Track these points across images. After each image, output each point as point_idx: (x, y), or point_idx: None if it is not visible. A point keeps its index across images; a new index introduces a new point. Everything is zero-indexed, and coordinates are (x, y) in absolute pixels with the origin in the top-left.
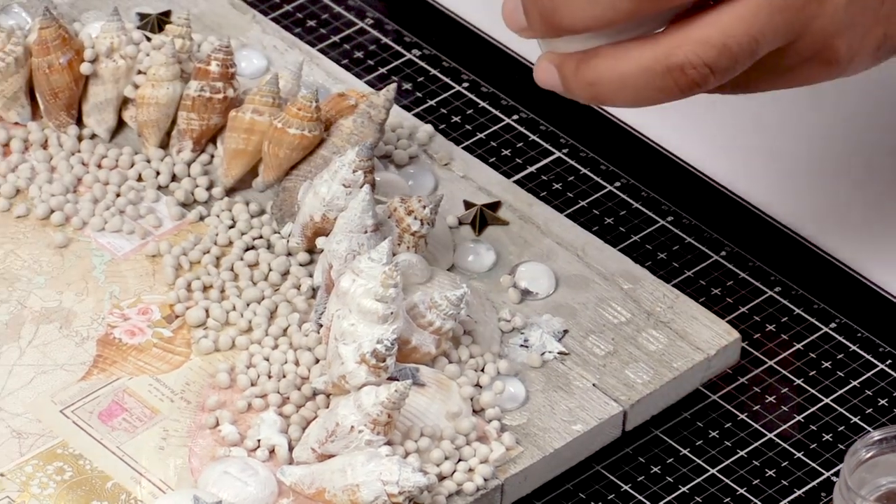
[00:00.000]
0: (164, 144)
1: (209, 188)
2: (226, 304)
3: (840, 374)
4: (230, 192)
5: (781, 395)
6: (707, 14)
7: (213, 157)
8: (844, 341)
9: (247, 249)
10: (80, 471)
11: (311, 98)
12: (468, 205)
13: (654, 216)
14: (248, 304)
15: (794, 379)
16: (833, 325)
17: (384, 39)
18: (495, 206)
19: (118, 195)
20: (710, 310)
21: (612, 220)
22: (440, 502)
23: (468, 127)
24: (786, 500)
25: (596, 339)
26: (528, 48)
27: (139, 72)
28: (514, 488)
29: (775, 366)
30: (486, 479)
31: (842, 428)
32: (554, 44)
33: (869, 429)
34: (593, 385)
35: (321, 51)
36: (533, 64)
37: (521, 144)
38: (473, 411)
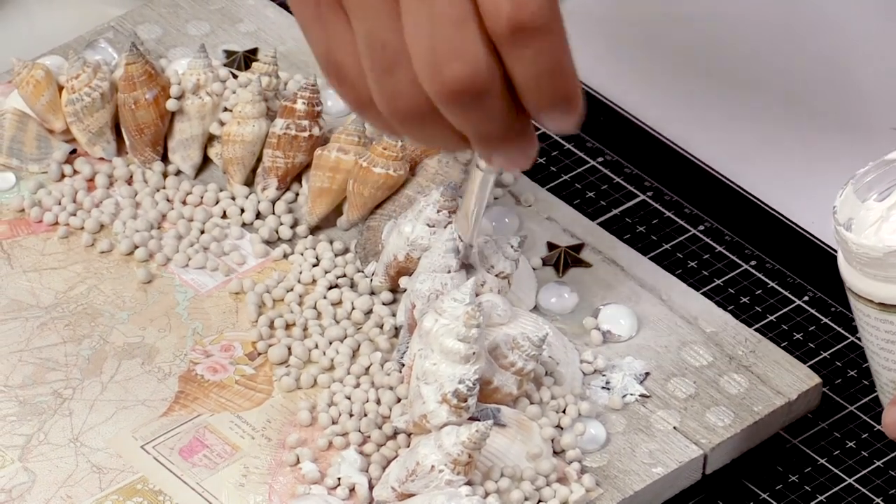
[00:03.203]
0: (249, 182)
1: (293, 226)
2: (308, 342)
3: None
4: (314, 230)
5: (862, 440)
6: None
7: (297, 195)
8: None
9: (330, 288)
10: None
11: None
12: (551, 246)
13: (737, 260)
14: (330, 343)
15: (875, 424)
16: None
17: None
18: (578, 247)
19: (202, 232)
20: (791, 354)
21: (695, 264)
22: None
23: (553, 168)
24: None
25: (677, 382)
26: (609, 89)
27: (225, 109)
28: None
29: (856, 411)
30: None
31: None
32: None
33: None
34: (674, 428)
35: None
36: (617, 105)
37: (605, 187)
38: (554, 452)
